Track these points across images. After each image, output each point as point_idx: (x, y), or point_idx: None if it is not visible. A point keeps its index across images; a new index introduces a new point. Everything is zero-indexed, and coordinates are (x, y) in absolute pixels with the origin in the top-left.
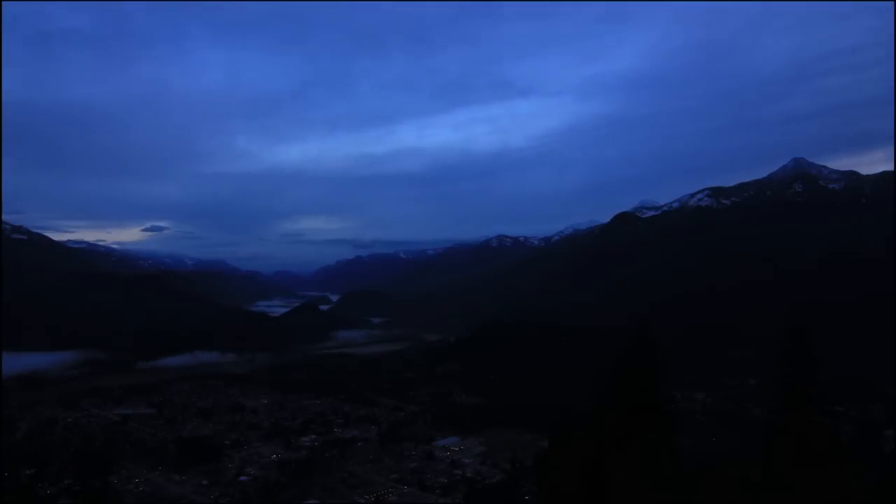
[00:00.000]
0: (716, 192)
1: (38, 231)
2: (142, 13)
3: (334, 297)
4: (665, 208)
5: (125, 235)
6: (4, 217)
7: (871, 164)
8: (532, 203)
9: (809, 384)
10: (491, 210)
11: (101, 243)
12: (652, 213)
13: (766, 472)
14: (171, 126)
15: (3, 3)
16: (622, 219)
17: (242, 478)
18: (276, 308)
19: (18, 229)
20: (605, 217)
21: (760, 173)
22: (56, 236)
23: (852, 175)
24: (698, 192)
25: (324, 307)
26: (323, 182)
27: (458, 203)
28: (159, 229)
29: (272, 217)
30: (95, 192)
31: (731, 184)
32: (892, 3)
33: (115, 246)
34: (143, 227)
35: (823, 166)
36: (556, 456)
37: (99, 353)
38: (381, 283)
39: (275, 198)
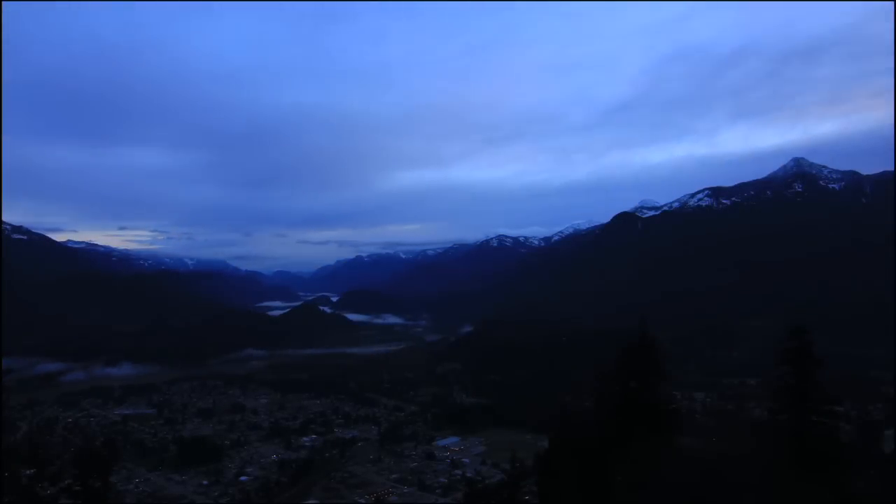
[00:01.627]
0: (716, 192)
1: (39, 231)
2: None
3: (334, 298)
4: (665, 208)
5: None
6: (5, 217)
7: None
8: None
9: (809, 384)
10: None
11: (101, 245)
12: (652, 213)
13: (766, 473)
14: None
15: (3, 2)
16: (622, 219)
17: (242, 478)
18: (276, 308)
19: (18, 229)
20: (605, 217)
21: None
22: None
23: (852, 175)
24: (698, 192)
25: (324, 307)
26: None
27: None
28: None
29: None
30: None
31: (731, 184)
32: (893, 2)
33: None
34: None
35: (823, 166)
36: (556, 456)
37: (99, 353)
38: (381, 284)
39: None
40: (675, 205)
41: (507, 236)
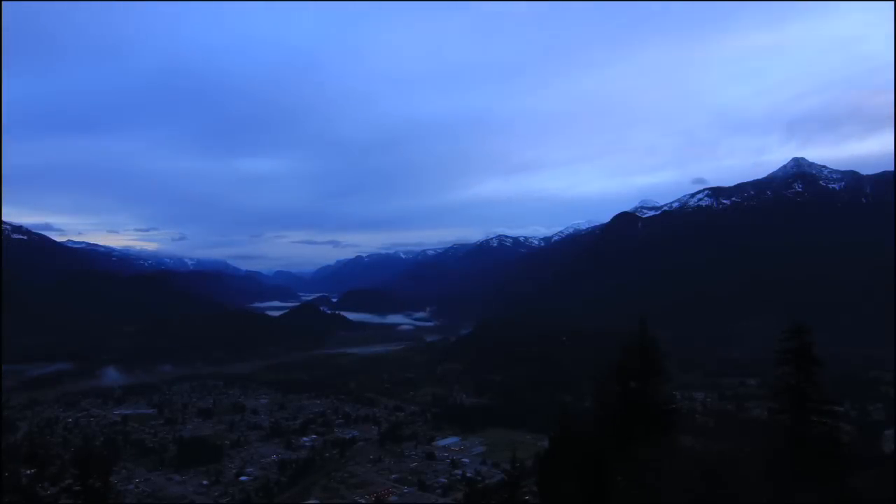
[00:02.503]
0: (716, 192)
1: (39, 231)
2: None
3: (335, 298)
4: (665, 208)
5: None
6: (5, 217)
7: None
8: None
9: (809, 384)
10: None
11: (98, 245)
12: (652, 213)
13: (766, 473)
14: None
15: (4, 2)
16: (622, 219)
17: (242, 478)
18: (276, 309)
19: (18, 229)
20: (605, 217)
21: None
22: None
23: (852, 175)
24: (698, 192)
25: (324, 307)
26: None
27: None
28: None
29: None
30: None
31: (731, 184)
32: (893, 2)
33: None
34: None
35: (823, 166)
36: (556, 456)
37: (99, 353)
38: (381, 284)
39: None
40: (675, 205)
41: (507, 236)
